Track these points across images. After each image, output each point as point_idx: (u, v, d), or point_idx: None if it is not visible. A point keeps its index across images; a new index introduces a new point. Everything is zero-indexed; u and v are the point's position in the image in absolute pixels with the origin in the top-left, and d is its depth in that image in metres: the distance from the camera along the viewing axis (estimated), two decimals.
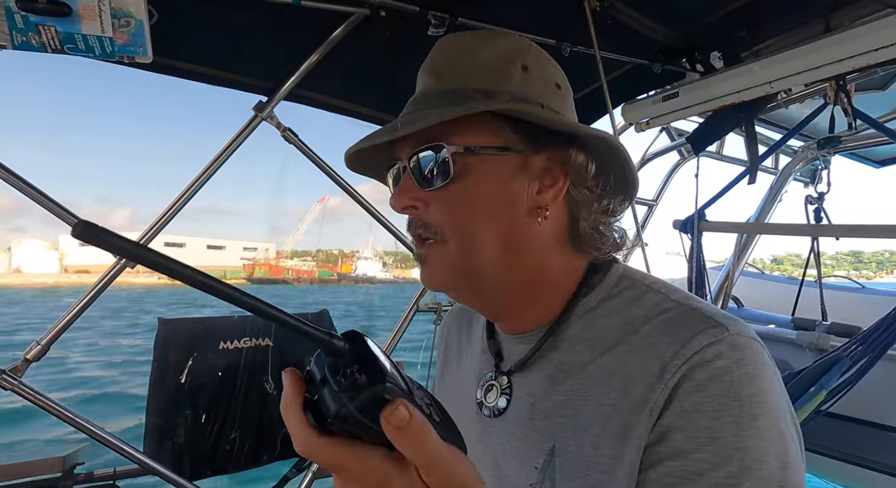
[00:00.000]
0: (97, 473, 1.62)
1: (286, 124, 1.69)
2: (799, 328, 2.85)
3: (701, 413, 0.51)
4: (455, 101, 0.60)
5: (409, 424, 0.37)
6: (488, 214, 0.61)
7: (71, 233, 0.29)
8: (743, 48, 1.80)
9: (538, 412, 0.64)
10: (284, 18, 1.38)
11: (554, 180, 0.63)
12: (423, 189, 0.62)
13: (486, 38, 0.66)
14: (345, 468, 0.39)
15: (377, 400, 0.37)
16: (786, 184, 3.26)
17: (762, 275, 5.02)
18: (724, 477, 0.50)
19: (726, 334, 0.54)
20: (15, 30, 1.05)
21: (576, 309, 0.65)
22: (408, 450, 0.38)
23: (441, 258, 0.63)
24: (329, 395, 0.37)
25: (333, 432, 0.38)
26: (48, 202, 1.36)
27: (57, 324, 1.42)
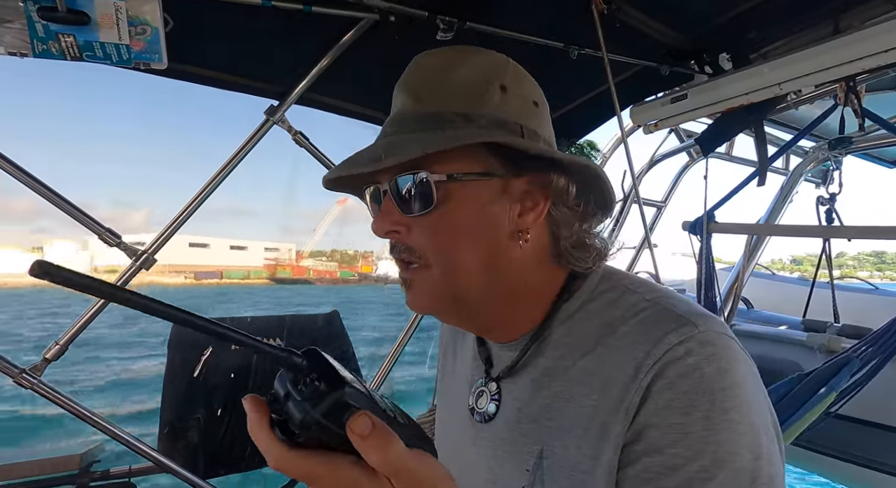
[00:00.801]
0: (113, 471, 1.66)
1: (296, 128, 1.71)
2: (809, 330, 2.83)
3: (672, 409, 0.53)
4: (435, 125, 0.61)
5: (372, 432, 0.39)
6: (470, 239, 0.62)
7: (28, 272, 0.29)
8: (752, 50, 1.79)
9: (524, 416, 0.65)
10: (295, 24, 1.40)
11: (535, 203, 0.64)
12: (405, 214, 0.62)
13: (462, 54, 0.66)
14: (317, 477, 0.41)
15: (339, 405, 0.39)
16: (797, 185, 3.23)
17: (773, 276, 4.98)
18: (697, 470, 0.51)
19: (696, 331, 0.56)
20: (36, 38, 1.08)
21: (558, 314, 0.66)
22: (372, 458, 0.40)
23: (425, 282, 0.64)
24: (293, 406, 0.39)
25: (302, 444, 0.40)
26: (70, 207, 1.40)
27: (74, 325, 1.45)
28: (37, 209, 52.50)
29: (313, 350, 0.41)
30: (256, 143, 1.68)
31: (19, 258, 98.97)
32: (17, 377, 1.34)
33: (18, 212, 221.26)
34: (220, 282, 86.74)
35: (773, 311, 3.52)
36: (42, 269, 0.29)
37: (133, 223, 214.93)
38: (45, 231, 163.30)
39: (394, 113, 0.67)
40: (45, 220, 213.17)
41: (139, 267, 1.52)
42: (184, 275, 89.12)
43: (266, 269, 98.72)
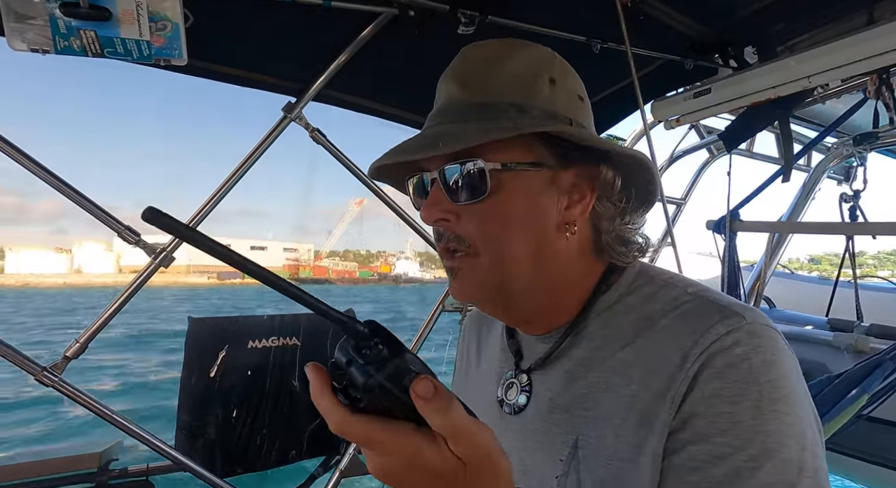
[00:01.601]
0: (131, 469, 1.66)
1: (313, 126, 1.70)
2: (836, 329, 2.77)
3: (721, 398, 0.53)
4: (490, 115, 0.61)
5: (435, 395, 0.40)
6: (520, 229, 0.62)
7: (141, 216, 0.35)
8: (778, 42, 1.75)
9: (557, 406, 0.65)
10: (314, 19, 1.39)
11: (581, 196, 0.65)
12: (456, 202, 0.62)
13: (511, 47, 0.66)
14: (377, 442, 0.42)
15: (401, 369, 0.41)
16: (819, 181, 3.16)
17: (793, 275, 4.90)
18: (746, 459, 0.51)
19: (743, 322, 0.56)
20: (58, 35, 1.07)
21: (594, 307, 0.67)
22: (435, 419, 0.41)
23: (473, 271, 0.64)
24: (356, 371, 0.41)
25: (364, 408, 0.41)
26: (91, 205, 1.40)
27: (94, 324, 1.45)
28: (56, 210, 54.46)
29: (373, 321, 0.43)
30: (274, 140, 1.67)
31: (49, 258, 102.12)
32: (39, 375, 1.34)
33: (39, 213, 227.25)
34: (242, 282, 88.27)
35: (795, 311, 3.45)
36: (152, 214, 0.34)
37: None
38: (64, 232, 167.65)
39: (441, 103, 0.66)
40: (64, 221, 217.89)
41: (158, 264, 1.52)
42: (207, 275, 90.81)
43: (287, 269, 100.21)
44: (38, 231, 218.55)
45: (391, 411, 0.41)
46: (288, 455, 1.94)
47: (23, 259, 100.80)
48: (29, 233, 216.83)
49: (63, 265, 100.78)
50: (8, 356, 1.31)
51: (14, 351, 1.33)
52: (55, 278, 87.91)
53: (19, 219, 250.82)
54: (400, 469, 0.43)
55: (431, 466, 0.43)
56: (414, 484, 0.44)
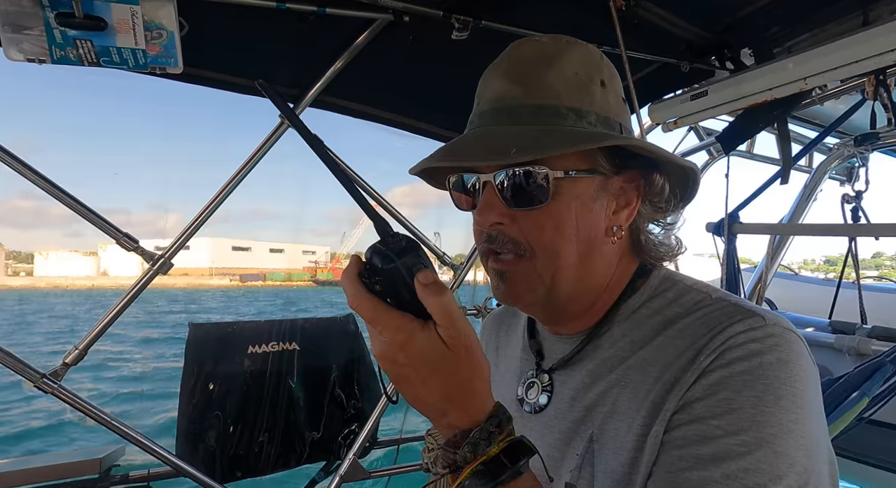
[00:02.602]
0: (132, 475, 1.66)
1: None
2: (837, 331, 2.75)
3: (723, 385, 0.54)
4: (549, 120, 0.61)
5: (433, 282, 0.49)
6: (575, 234, 0.63)
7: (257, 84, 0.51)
8: (775, 44, 1.74)
9: (578, 405, 0.66)
10: (309, 26, 1.40)
11: (628, 200, 0.66)
12: (511, 207, 0.62)
13: (564, 45, 0.65)
14: (381, 320, 0.49)
15: (413, 260, 0.49)
16: (821, 182, 3.14)
17: (795, 276, 4.87)
18: (737, 444, 0.51)
19: (762, 324, 0.56)
20: (54, 44, 1.08)
21: (620, 310, 0.68)
22: (429, 301, 0.48)
23: (526, 274, 0.64)
24: (377, 255, 0.50)
25: (378, 291, 0.50)
26: (89, 213, 1.41)
27: (93, 331, 1.46)
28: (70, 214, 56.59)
29: (407, 236, 0.52)
30: (272, 146, 1.68)
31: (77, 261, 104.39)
32: (38, 382, 1.35)
33: (53, 217, 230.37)
34: (263, 284, 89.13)
35: (797, 313, 3.43)
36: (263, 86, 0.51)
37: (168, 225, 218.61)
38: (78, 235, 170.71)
39: (494, 101, 0.64)
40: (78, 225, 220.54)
41: (156, 271, 1.53)
42: (229, 277, 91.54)
43: (307, 271, 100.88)
44: (53, 234, 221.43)
45: (399, 297, 0.50)
46: (288, 460, 1.94)
47: (52, 262, 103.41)
48: (46, 236, 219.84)
49: (90, 268, 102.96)
50: (7, 363, 1.32)
51: (14, 358, 1.33)
52: (83, 281, 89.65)
53: (36, 222, 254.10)
54: (395, 348, 0.50)
55: (420, 349, 0.49)
56: (402, 365, 0.50)
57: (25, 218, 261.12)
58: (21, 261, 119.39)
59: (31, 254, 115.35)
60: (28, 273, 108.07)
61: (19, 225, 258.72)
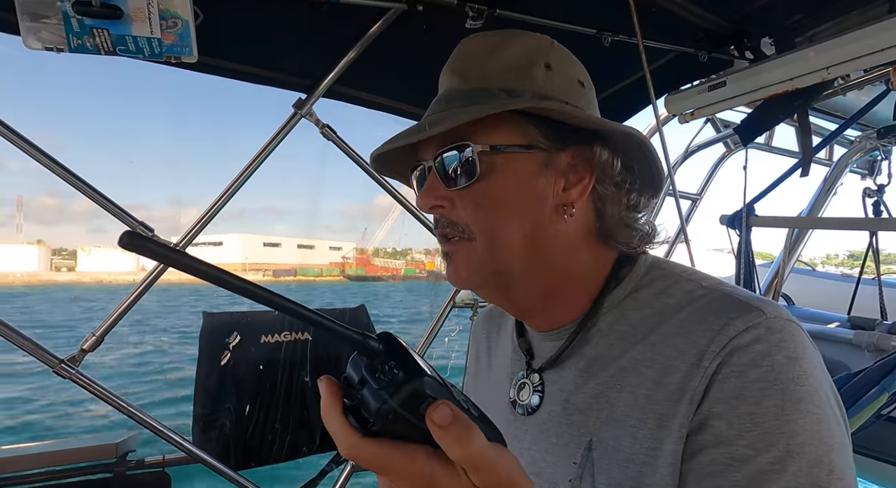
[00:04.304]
0: (148, 460, 1.69)
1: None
2: (857, 327, 2.69)
3: (742, 399, 0.51)
4: (480, 100, 0.61)
5: (453, 423, 0.37)
6: (514, 212, 0.61)
7: (117, 242, 0.31)
8: (797, 33, 1.70)
9: (572, 407, 0.64)
10: (323, 15, 1.39)
11: (579, 177, 0.63)
12: (449, 188, 0.62)
13: (508, 37, 0.66)
14: (390, 468, 0.39)
15: (418, 395, 0.37)
16: (841, 176, 3.08)
17: (813, 272, 4.80)
18: (770, 462, 0.49)
19: (763, 317, 0.54)
20: (71, 33, 1.09)
21: (605, 302, 0.65)
22: (453, 451, 0.38)
23: (468, 256, 0.63)
24: (369, 394, 0.38)
25: (377, 432, 0.38)
26: (105, 201, 1.43)
27: (109, 317, 1.49)
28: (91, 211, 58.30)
29: (388, 334, 0.41)
30: (285, 137, 1.68)
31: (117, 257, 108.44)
32: (56, 367, 1.38)
33: (76, 213, 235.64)
34: (295, 280, 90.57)
35: (815, 308, 3.37)
36: (129, 240, 0.31)
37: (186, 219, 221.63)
38: (100, 230, 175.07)
39: (440, 94, 0.67)
40: (99, 220, 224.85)
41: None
42: (262, 272, 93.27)
43: (336, 267, 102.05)
44: (75, 230, 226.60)
45: (405, 435, 0.39)
46: (300, 449, 1.96)
47: (94, 258, 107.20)
48: (68, 232, 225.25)
49: (130, 263, 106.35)
50: (27, 348, 1.34)
51: (33, 343, 1.36)
52: (126, 276, 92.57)
53: (59, 219, 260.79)
54: None
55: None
56: None
57: (50, 214, 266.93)
58: (64, 257, 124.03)
59: (73, 251, 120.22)
60: (69, 268, 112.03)
61: (45, 221, 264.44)
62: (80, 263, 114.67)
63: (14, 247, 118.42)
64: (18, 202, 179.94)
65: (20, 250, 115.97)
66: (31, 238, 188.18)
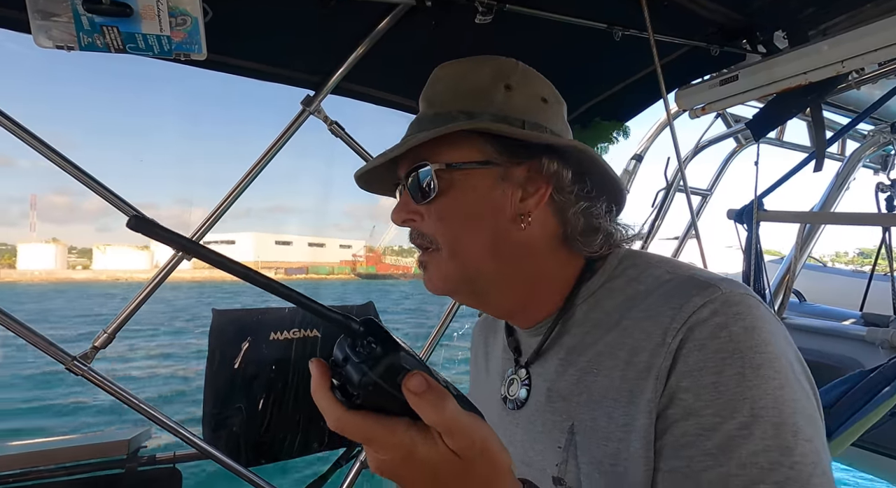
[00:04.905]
0: (159, 456, 1.70)
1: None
2: (870, 324, 2.67)
3: (705, 370, 0.53)
4: (441, 123, 0.66)
5: (427, 391, 0.41)
6: (473, 222, 0.67)
7: (126, 224, 0.35)
8: (810, 26, 1.68)
9: (555, 395, 0.67)
10: (331, 11, 1.39)
11: (536, 188, 0.68)
12: (417, 203, 0.69)
13: (477, 63, 0.72)
14: (373, 438, 0.43)
15: (395, 368, 0.41)
16: (854, 171, 3.04)
17: (824, 268, 4.75)
18: (737, 427, 0.51)
19: (719, 293, 0.57)
20: (81, 31, 1.09)
21: (580, 293, 0.69)
22: (428, 415, 0.42)
23: (437, 265, 0.69)
24: (351, 368, 0.42)
25: (360, 405, 0.42)
26: (119, 201, 1.43)
27: (121, 315, 1.49)
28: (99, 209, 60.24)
29: (370, 319, 0.44)
30: (293, 134, 1.68)
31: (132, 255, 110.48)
32: (69, 364, 1.39)
33: (85, 212, 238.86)
34: (307, 277, 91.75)
35: (827, 305, 3.34)
36: (137, 223, 0.35)
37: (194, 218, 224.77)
38: (108, 229, 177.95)
39: (414, 118, 0.74)
40: (106, 219, 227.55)
41: (181, 257, 1.55)
42: (274, 270, 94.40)
43: (347, 265, 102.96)
44: (85, 229, 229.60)
45: (386, 407, 0.42)
46: (310, 446, 1.96)
47: (109, 256, 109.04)
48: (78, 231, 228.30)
49: (144, 261, 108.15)
50: (39, 345, 1.35)
51: (45, 340, 1.37)
52: (141, 274, 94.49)
53: (69, 217, 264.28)
54: (396, 464, 0.44)
55: (427, 460, 0.43)
56: (411, 479, 0.45)
57: (60, 213, 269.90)
58: (77, 255, 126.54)
59: (84, 249, 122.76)
60: (85, 266, 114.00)
61: (55, 220, 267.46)
62: (95, 261, 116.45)
63: (32, 246, 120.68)
64: (32, 201, 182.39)
65: (38, 249, 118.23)
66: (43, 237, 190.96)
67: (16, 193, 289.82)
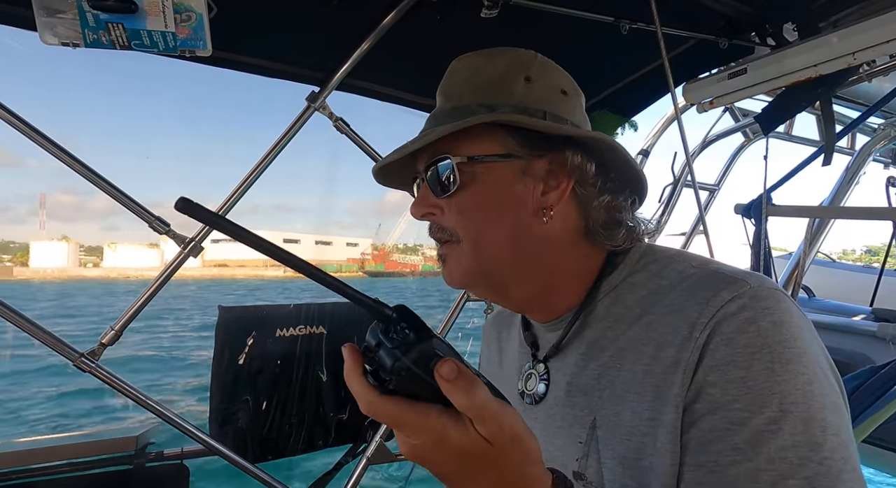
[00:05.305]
0: (167, 453, 1.70)
1: None
2: (880, 319, 2.64)
3: (733, 364, 0.53)
4: (460, 116, 0.65)
5: (458, 376, 0.42)
6: (495, 216, 0.66)
7: (174, 206, 0.38)
8: (821, 18, 1.65)
9: (575, 389, 0.67)
10: (336, 7, 1.38)
11: (558, 182, 0.67)
12: (437, 196, 0.68)
13: (494, 55, 0.71)
14: (405, 422, 0.43)
15: (427, 354, 0.42)
16: (864, 165, 3.00)
17: (833, 263, 4.71)
18: (766, 422, 0.50)
19: (747, 287, 0.56)
20: (87, 28, 1.09)
21: (601, 288, 0.68)
22: (460, 401, 0.42)
23: (457, 257, 0.68)
24: (384, 354, 0.42)
25: (392, 390, 0.43)
26: (123, 197, 1.43)
27: (128, 312, 1.49)
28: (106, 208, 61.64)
29: (402, 306, 0.45)
30: (298, 131, 1.67)
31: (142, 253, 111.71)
32: (77, 361, 1.39)
33: (91, 211, 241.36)
34: None
35: (836, 300, 3.32)
36: (184, 204, 0.38)
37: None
38: (114, 228, 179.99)
39: (432, 112, 0.73)
40: (114, 218, 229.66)
41: (188, 254, 1.55)
42: (283, 268, 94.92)
43: (355, 263, 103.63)
44: (91, 227, 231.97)
45: (418, 393, 0.43)
46: (316, 442, 1.97)
47: (119, 254, 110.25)
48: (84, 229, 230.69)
49: (154, 259, 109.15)
50: (47, 342, 1.36)
51: (54, 337, 1.37)
52: (151, 271, 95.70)
53: (76, 216, 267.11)
54: (428, 449, 0.45)
55: (458, 446, 0.44)
56: (442, 464, 0.46)
57: (67, 212, 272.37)
58: (86, 253, 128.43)
59: (99, 247, 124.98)
60: (95, 264, 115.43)
61: (62, 218, 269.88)
62: (105, 259, 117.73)
63: (44, 244, 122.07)
64: (41, 200, 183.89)
65: (50, 246, 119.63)
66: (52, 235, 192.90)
67: (23, 192, 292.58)
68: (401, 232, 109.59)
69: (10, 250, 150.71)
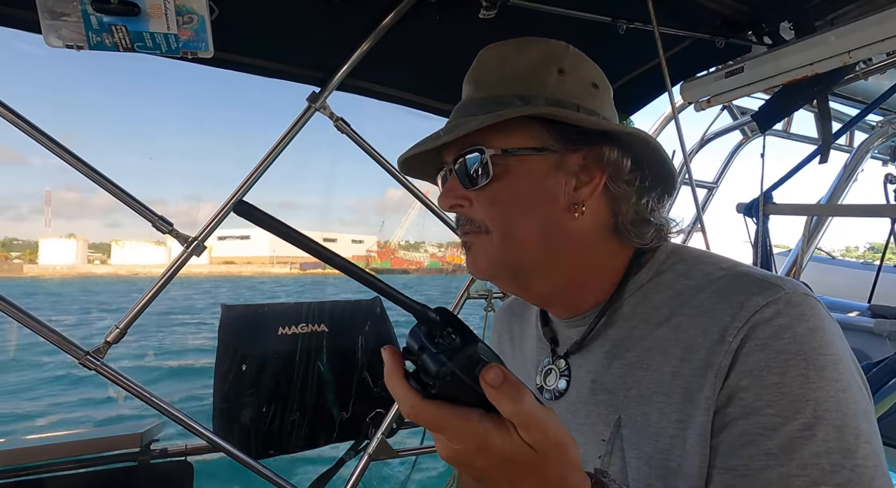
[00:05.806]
0: (171, 449, 1.72)
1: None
2: (877, 316, 2.66)
3: (767, 370, 0.52)
4: (494, 108, 0.64)
5: (504, 383, 0.41)
6: (526, 209, 0.65)
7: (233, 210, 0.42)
8: (817, 17, 1.66)
9: (599, 387, 0.66)
10: (336, 8, 1.39)
11: (591, 177, 0.66)
12: (467, 188, 0.67)
13: (524, 44, 0.69)
14: (447, 427, 0.43)
15: (473, 360, 0.42)
16: (862, 162, 3.01)
17: (832, 260, 4.72)
18: (800, 428, 0.50)
19: (782, 293, 0.55)
20: (91, 31, 1.11)
21: (627, 287, 0.68)
22: (505, 407, 0.42)
23: (484, 247, 0.67)
24: (429, 358, 0.42)
25: (435, 394, 0.42)
26: (126, 197, 1.45)
27: (132, 310, 1.51)
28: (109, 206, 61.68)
29: (444, 309, 0.44)
30: (299, 131, 1.69)
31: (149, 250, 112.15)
32: (82, 359, 1.41)
33: (94, 207, 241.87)
34: (323, 273, 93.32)
35: (834, 297, 3.33)
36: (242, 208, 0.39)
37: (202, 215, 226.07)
38: (117, 225, 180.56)
39: (461, 101, 0.71)
40: (116, 215, 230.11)
41: (191, 253, 1.56)
42: (290, 265, 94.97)
43: (361, 260, 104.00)
44: (94, 224, 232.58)
45: (461, 397, 0.42)
46: (318, 439, 1.99)
47: (127, 252, 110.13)
48: (88, 226, 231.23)
49: (160, 256, 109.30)
50: (53, 340, 1.38)
51: (59, 335, 1.39)
52: (158, 268, 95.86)
53: (79, 213, 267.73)
54: (470, 454, 0.44)
55: (501, 451, 0.43)
56: (484, 470, 0.45)
57: (70, 209, 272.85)
58: (95, 250, 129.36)
59: (107, 244, 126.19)
60: (103, 261, 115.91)
61: (65, 216, 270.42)
62: (113, 256, 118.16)
63: (53, 241, 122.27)
64: (47, 197, 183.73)
65: (58, 244, 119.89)
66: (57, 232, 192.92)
67: (27, 190, 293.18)
68: (405, 229, 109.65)
69: (15, 247, 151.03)
